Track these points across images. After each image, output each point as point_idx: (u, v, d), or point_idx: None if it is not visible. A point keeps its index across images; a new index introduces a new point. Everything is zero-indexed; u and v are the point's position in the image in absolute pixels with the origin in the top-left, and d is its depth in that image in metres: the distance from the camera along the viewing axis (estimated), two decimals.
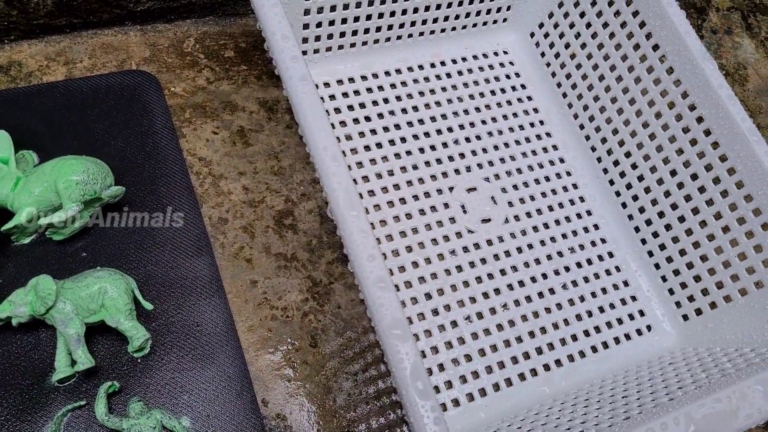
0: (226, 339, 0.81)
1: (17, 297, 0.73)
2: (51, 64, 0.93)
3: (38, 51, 0.93)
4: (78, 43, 0.95)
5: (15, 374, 0.74)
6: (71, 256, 0.81)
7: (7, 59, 0.91)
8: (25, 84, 0.91)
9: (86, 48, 0.95)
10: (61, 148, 0.86)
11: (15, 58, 0.92)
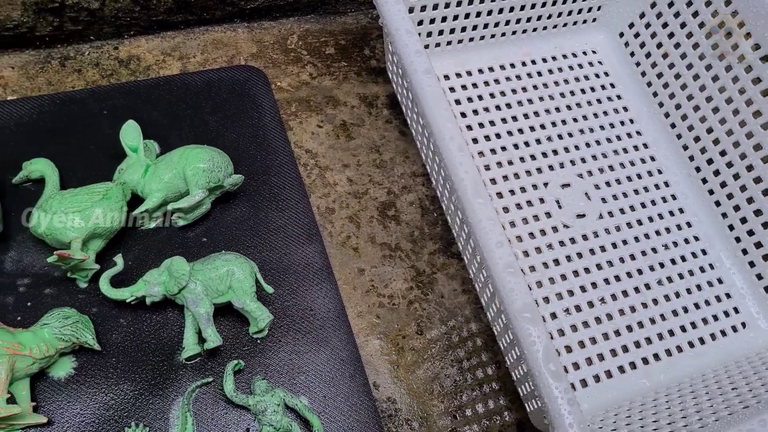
0: (338, 324, 0.84)
1: (151, 277, 0.77)
2: (167, 58, 0.97)
3: (155, 46, 0.98)
4: (191, 39, 1.00)
5: (146, 351, 0.78)
6: (192, 241, 0.85)
7: (127, 53, 0.96)
8: (144, 77, 0.96)
9: (199, 44, 1.00)
10: (179, 139, 0.90)
11: (134, 52, 0.97)
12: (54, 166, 0.82)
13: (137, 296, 0.76)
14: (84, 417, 0.73)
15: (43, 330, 0.72)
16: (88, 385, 0.75)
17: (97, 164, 0.87)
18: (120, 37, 0.96)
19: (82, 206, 0.76)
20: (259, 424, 0.75)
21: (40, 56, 0.92)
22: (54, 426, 0.72)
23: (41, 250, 0.80)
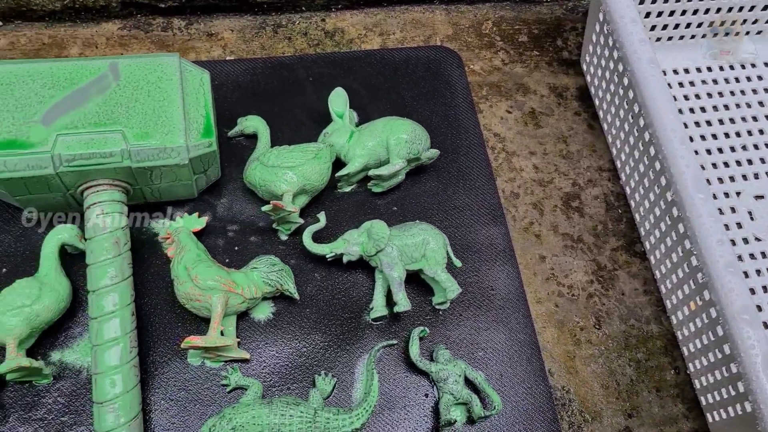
0: (517, 306, 0.84)
1: (351, 237, 0.80)
2: (368, 33, 1.01)
3: (358, 21, 1.02)
4: (392, 17, 1.03)
5: (336, 307, 0.82)
6: (383, 208, 0.88)
7: (333, 26, 1.01)
8: (347, 49, 1.00)
9: (398, 22, 1.03)
10: (377, 110, 0.94)
11: (339, 25, 1.01)
12: (266, 123, 0.88)
13: (336, 253, 0.80)
14: (278, 359, 0.78)
15: (253, 273, 0.77)
16: (284, 331, 0.80)
17: (301, 126, 0.92)
18: (328, 10, 1.00)
19: (296, 162, 0.80)
20: (438, 392, 0.77)
21: (257, 22, 0.98)
22: (252, 364, 0.77)
23: (249, 200, 0.86)
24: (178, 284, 0.75)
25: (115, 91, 0.73)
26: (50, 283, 0.73)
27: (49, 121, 0.71)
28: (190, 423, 0.73)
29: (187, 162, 0.73)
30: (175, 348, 0.77)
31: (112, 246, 0.72)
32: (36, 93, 0.71)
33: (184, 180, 0.78)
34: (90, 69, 0.73)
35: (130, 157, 0.72)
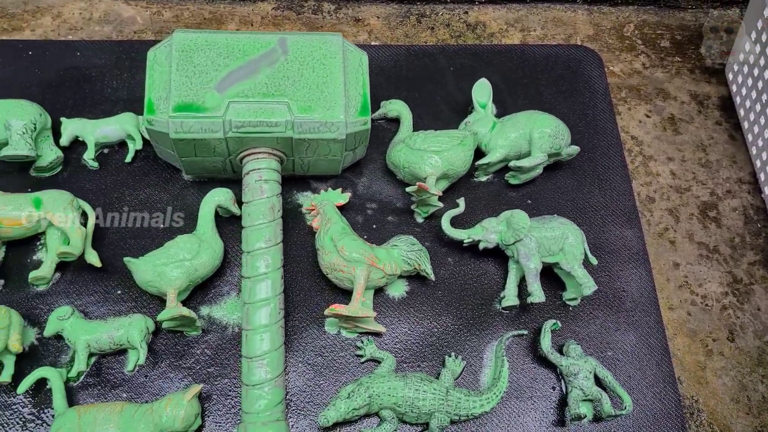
0: (648, 310, 0.83)
1: (489, 224, 0.81)
2: (509, 29, 1.02)
3: (500, 16, 1.03)
4: (533, 14, 1.03)
5: (467, 292, 0.83)
6: (517, 200, 0.89)
7: (475, 19, 1.02)
8: (487, 42, 1.01)
9: (540, 19, 1.03)
10: (515, 104, 0.95)
11: (481, 19, 1.03)
12: (408, 108, 0.90)
13: (474, 239, 0.81)
14: (410, 337, 0.80)
15: (393, 250, 0.80)
16: (416, 310, 0.81)
17: (440, 114, 0.93)
18: (471, 3, 1.02)
19: (442, 147, 0.82)
20: (566, 386, 0.77)
21: (402, 10, 1.01)
22: (385, 338, 0.79)
23: (388, 181, 0.89)
24: (324, 254, 0.78)
25: (283, 65, 0.77)
26: (207, 240, 0.78)
27: (223, 88, 0.75)
28: (325, 387, 0.76)
29: (344, 137, 0.76)
30: (313, 315, 0.80)
31: (268, 211, 0.76)
32: (212, 61, 0.76)
33: (334, 155, 0.81)
34: (262, 42, 0.77)
35: (293, 128, 0.75)
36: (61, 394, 0.71)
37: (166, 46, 0.77)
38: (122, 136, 0.85)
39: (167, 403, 0.69)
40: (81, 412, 0.68)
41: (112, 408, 0.69)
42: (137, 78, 0.90)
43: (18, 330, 0.72)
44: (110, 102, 0.88)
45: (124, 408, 0.69)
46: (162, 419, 0.68)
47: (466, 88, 0.94)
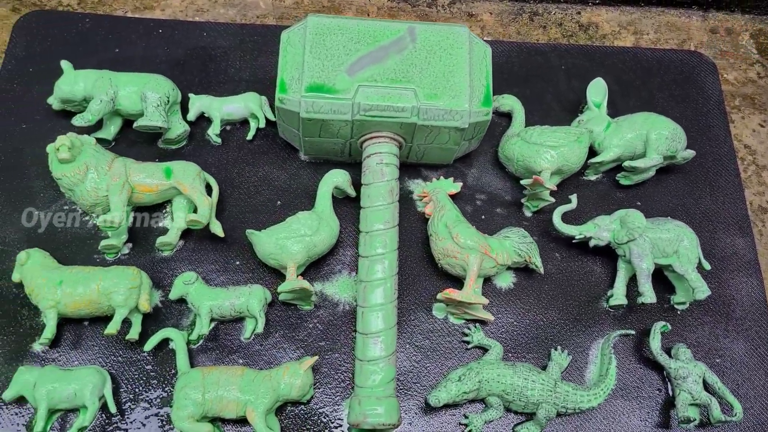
0: (759, 320, 0.82)
1: (602, 222, 0.81)
2: (622, 31, 1.02)
3: (612, 18, 1.03)
4: (647, 17, 1.03)
5: (574, 288, 0.83)
6: (627, 202, 0.89)
7: (588, 20, 1.02)
8: (599, 44, 1.01)
9: (653, 23, 1.03)
10: (626, 106, 0.94)
11: (594, 20, 1.03)
12: (521, 103, 0.91)
13: (585, 236, 0.81)
14: (516, 328, 0.81)
15: (505, 241, 0.81)
16: (522, 302, 0.82)
17: (550, 111, 0.94)
18: (584, 4, 1.02)
19: (558, 143, 0.83)
20: (674, 389, 0.77)
21: (514, 8, 1.02)
22: (491, 326, 0.80)
23: (498, 174, 0.90)
24: (437, 240, 0.79)
25: (411, 53, 0.78)
26: (326, 219, 0.80)
27: (353, 72, 0.77)
28: (431, 369, 0.78)
29: (467, 126, 0.78)
30: (421, 300, 0.81)
31: (387, 194, 0.78)
32: (344, 45, 0.78)
33: (452, 144, 0.82)
34: (391, 30, 0.79)
35: (418, 114, 0.77)
36: (184, 354, 0.74)
37: (300, 29, 0.79)
38: (245, 115, 0.88)
39: (285, 372, 0.71)
40: (205, 372, 0.71)
41: (233, 371, 0.72)
42: (259, 60, 0.94)
43: (147, 291, 0.76)
44: (233, 82, 0.92)
45: (245, 372, 0.72)
46: (279, 386, 0.71)
47: (578, 88, 0.94)
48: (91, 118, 0.81)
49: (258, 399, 0.69)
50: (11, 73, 0.90)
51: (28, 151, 0.85)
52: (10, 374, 0.73)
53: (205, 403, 0.69)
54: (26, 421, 0.72)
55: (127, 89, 0.83)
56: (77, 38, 0.93)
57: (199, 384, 0.70)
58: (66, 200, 0.83)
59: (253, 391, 0.70)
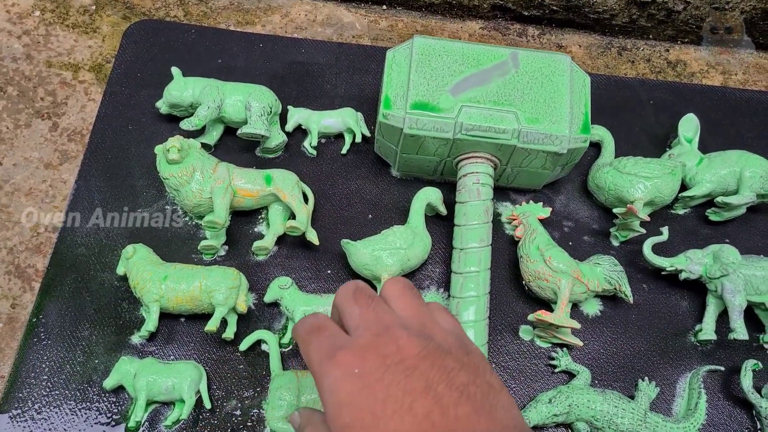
0: None
1: (694, 255, 0.81)
2: (710, 70, 1.03)
3: (701, 57, 1.04)
4: (735, 59, 1.04)
5: (661, 320, 0.83)
6: (714, 238, 0.88)
7: (676, 57, 1.04)
8: (687, 81, 1.02)
9: (742, 64, 1.04)
10: (714, 144, 0.94)
11: (682, 58, 1.04)
12: (611, 134, 0.92)
13: (677, 268, 0.81)
14: (602, 355, 0.81)
15: (596, 268, 0.81)
16: (609, 330, 0.82)
17: (638, 143, 0.95)
18: (674, 41, 1.03)
19: (652, 174, 0.84)
20: (764, 429, 0.75)
21: (604, 42, 1.04)
22: (576, 352, 0.80)
23: (585, 202, 0.91)
24: (528, 262, 0.80)
25: (513, 77, 0.80)
26: (419, 234, 0.81)
27: (456, 92, 0.79)
28: (517, 390, 0.78)
29: (565, 151, 0.79)
30: (508, 321, 0.82)
31: (483, 213, 0.79)
32: (448, 67, 0.80)
33: (545, 168, 0.83)
34: (495, 54, 0.82)
35: (518, 137, 0.78)
36: (277, 356, 0.76)
37: (406, 48, 0.82)
38: (342, 129, 0.91)
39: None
40: (300, 375, 0.73)
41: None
42: (354, 78, 0.96)
43: (245, 292, 0.78)
44: (329, 97, 0.95)
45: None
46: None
47: (666, 122, 0.95)
48: (199, 123, 0.85)
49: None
50: (120, 77, 0.94)
51: (134, 151, 0.89)
52: (108, 364, 0.75)
53: (299, 405, 0.70)
54: (122, 411, 0.73)
55: (233, 98, 0.87)
56: (182, 47, 0.97)
57: (294, 386, 0.71)
58: (167, 200, 0.86)
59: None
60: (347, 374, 0.44)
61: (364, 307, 0.49)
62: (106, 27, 0.98)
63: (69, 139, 0.89)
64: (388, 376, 0.43)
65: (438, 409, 0.42)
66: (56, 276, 0.80)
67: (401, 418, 0.41)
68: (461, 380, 0.44)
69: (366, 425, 0.42)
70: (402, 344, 0.45)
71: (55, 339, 0.77)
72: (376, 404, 0.42)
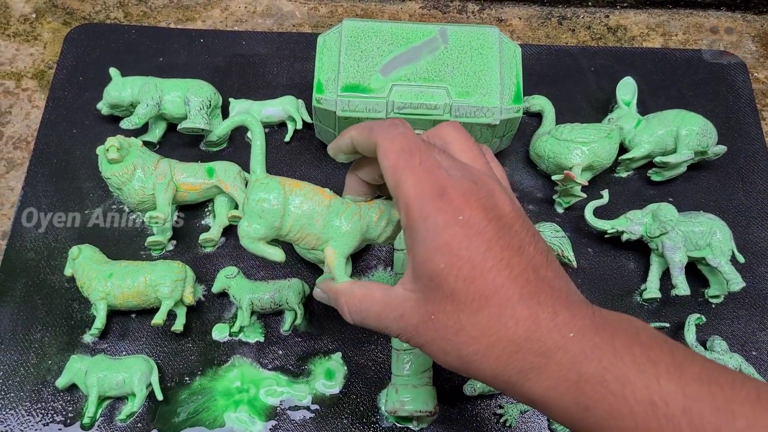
0: None
1: (634, 216, 0.82)
2: (651, 33, 1.04)
3: (641, 20, 1.04)
4: (675, 19, 1.04)
5: (607, 283, 0.85)
6: (658, 198, 0.89)
7: (616, 23, 1.04)
8: (628, 45, 1.03)
9: (681, 24, 1.04)
10: (656, 105, 0.95)
11: (622, 23, 1.04)
12: (552, 104, 0.92)
13: (617, 230, 0.82)
14: None
15: None
16: None
17: (580, 110, 0.96)
18: (613, 7, 1.04)
19: (589, 139, 0.84)
20: None
21: (543, 12, 1.04)
22: None
23: (529, 172, 0.91)
24: None
25: (443, 53, 0.81)
26: None
27: (387, 72, 0.80)
28: None
29: (498, 122, 0.80)
30: None
31: None
32: (378, 47, 0.81)
33: (484, 142, 0.84)
34: (424, 31, 0.82)
35: (450, 112, 0.79)
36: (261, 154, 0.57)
37: (336, 32, 0.83)
38: (284, 117, 0.91)
39: (378, 214, 0.58)
40: (287, 187, 0.55)
41: (320, 198, 0.56)
42: (296, 66, 0.97)
43: (191, 284, 0.79)
44: (271, 87, 0.96)
45: (333, 202, 0.57)
46: (369, 227, 0.58)
47: (607, 88, 0.96)
48: (138, 122, 0.86)
49: (344, 237, 0.56)
50: (63, 82, 0.95)
51: (79, 154, 0.90)
52: (61, 364, 0.76)
53: (283, 226, 0.55)
54: (77, 408, 0.75)
55: (172, 94, 0.87)
56: (124, 48, 0.98)
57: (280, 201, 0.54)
58: (114, 200, 0.87)
59: (340, 225, 0.56)
60: (452, 221, 0.43)
61: (442, 154, 0.47)
62: (47, 34, 0.99)
63: (15, 147, 0.90)
64: (490, 229, 0.43)
65: (531, 267, 0.44)
66: (7, 281, 0.81)
67: (499, 272, 0.43)
68: (543, 246, 0.47)
69: (462, 274, 0.43)
70: (498, 199, 0.45)
71: (8, 343, 0.78)
72: (476, 255, 0.43)
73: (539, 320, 0.43)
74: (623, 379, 0.41)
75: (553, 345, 0.43)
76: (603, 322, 0.45)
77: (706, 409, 0.39)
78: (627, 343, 0.43)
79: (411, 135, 0.47)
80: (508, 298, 0.43)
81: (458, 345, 0.44)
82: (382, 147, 0.47)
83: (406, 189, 0.45)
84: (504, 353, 0.43)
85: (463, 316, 0.44)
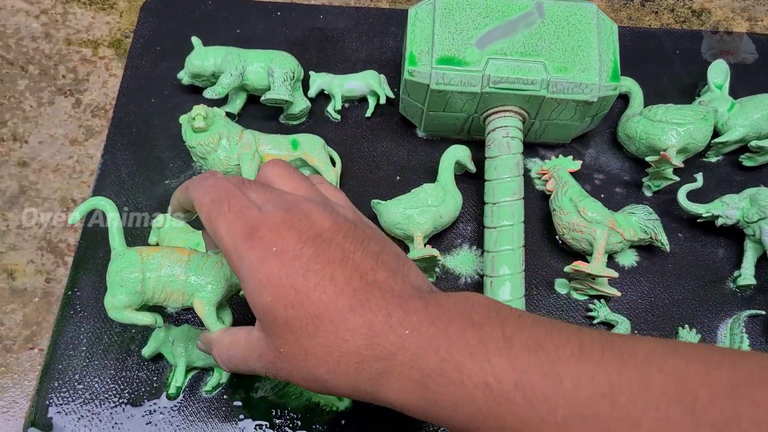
0: None
1: (731, 200, 0.80)
2: (736, 17, 1.01)
3: (725, 4, 1.02)
4: (760, 4, 1.02)
5: (699, 268, 0.82)
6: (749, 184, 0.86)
7: (700, 6, 1.02)
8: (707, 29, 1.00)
9: (766, 9, 1.01)
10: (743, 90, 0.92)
11: (706, 6, 1.02)
12: (638, 84, 0.90)
13: (713, 214, 0.80)
14: (640, 305, 0.80)
15: (631, 217, 0.80)
16: (647, 280, 0.81)
17: (666, 94, 0.93)
18: None
19: (684, 120, 0.82)
20: None
21: None
22: (614, 303, 0.79)
23: (615, 154, 0.89)
24: (562, 215, 0.79)
25: (539, 27, 0.79)
26: (450, 191, 0.81)
27: (482, 45, 0.78)
28: None
29: (595, 99, 0.77)
30: (543, 275, 0.81)
31: (514, 166, 0.78)
32: (473, 20, 0.79)
33: (575, 120, 0.82)
34: (519, 5, 0.80)
35: (548, 87, 0.77)
36: (118, 230, 0.62)
37: (429, 4, 0.81)
38: (365, 92, 0.90)
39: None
40: (144, 254, 0.59)
41: (179, 254, 0.60)
42: (375, 41, 0.95)
43: None
44: (350, 62, 0.94)
45: (192, 257, 0.60)
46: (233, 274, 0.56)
47: (694, 71, 0.94)
48: (221, 91, 0.84)
49: (208, 288, 0.58)
50: (140, 51, 0.93)
51: (158, 123, 0.88)
52: (145, 333, 0.75)
53: (145, 291, 0.58)
54: (162, 378, 0.73)
55: (255, 65, 0.86)
56: (200, 19, 0.96)
57: (138, 268, 0.58)
58: (194, 170, 0.86)
59: (202, 278, 0.59)
60: (266, 254, 0.44)
61: (259, 191, 0.49)
62: (123, 2, 0.97)
63: (93, 114, 0.89)
64: (306, 250, 0.44)
65: (357, 275, 0.44)
66: (88, 249, 0.80)
67: (323, 289, 0.43)
68: (374, 249, 0.46)
69: (288, 302, 0.43)
70: (314, 219, 0.46)
71: (91, 311, 0.77)
72: (297, 280, 0.43)
73: (373, 325, 0.42)
74: (459, 366, 0.40)
75: (392, 347, 0.42)
76: (439, 310, 0.43)
77: (535, 378, 0.38)
78: (461, 327, 0.42)
79: (221, 184, 0.48)
80: (339, 312, 0.43)
81: (311, 370, 0.44)
82: (196, 201, 0.49)
83: (221, 236, 0.46)
84: (351, 366, 0.43)
85: (305, 341, 0.43)
